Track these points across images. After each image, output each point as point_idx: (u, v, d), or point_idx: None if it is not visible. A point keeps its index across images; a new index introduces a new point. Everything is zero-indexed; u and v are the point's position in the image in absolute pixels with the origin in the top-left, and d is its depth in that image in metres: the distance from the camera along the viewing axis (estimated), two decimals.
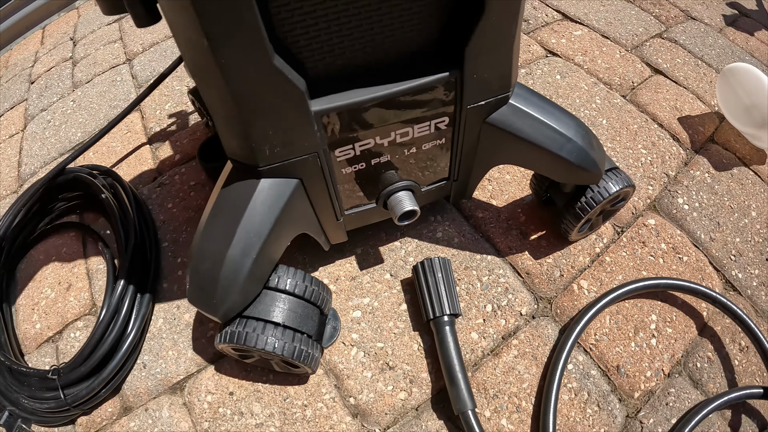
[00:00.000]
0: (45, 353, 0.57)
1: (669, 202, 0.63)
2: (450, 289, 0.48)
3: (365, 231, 0.58)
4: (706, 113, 0.75)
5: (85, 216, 0.70)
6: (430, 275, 0.48)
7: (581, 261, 0.56)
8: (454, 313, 0.47)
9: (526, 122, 0.43)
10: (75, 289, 0.62)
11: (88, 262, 0.64)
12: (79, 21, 1.13)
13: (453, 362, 0.45)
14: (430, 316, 0.47)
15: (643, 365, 0.50)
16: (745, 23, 0.97)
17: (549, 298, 0.53)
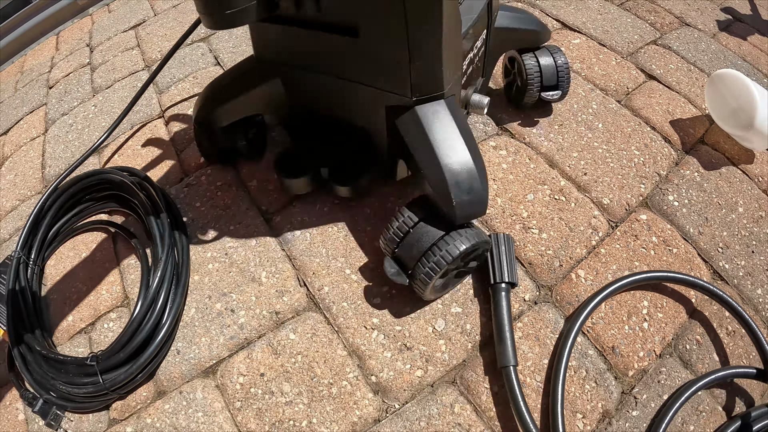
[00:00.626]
0: (78, 344, 0.62)
1: (660, 199, 0.70)
2: (510, 261, 0.56)
3: (382, 225, 0.65)
4: (696, 116, 0.82)
5: (114, 215, 0.76)
6: (495, 246, 0.57)
7: (578, 252, 0.63)
8: (511, 281, 0.55)
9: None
10: (107, 283, 0.68)
11: (120, 258, 0.70)
12: (93, 28, 1.20)
13: (504, 322, 0.53)
14: (491, 281, 0.56)
15: (636, 346, 0.57)
16: (738, 28, 1.04)
17: (549, 285, 0.60)
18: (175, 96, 0.90)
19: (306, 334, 0.57)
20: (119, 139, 0.88)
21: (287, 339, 0.58)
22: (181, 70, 0.95)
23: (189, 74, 0.94)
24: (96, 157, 0.87)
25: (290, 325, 0.58)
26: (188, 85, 0.92)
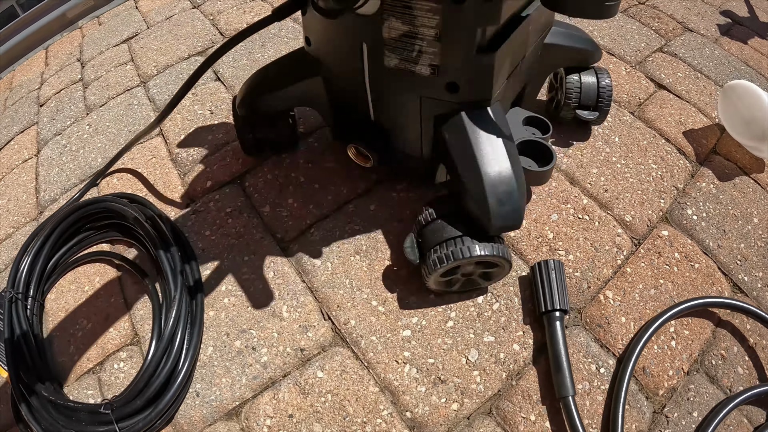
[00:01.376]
0: (87, 385, 0.58)
1: (679, 214, 0.69)
2: (562, 287, 0.56)
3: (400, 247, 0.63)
4: (707, 126, 0.82)
5: (116, 245, 0.72)
6: (545, 273, 0.56)
7: (605, 273, 0.62)
8: (564, 309, 0.55)
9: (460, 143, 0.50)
10: (114, 319, 0.64)
11: (126, 292, 0.66)
12: (83, 41, 1.14)
13: (560, 351, 0.52)
14: (542, 309, 0.55)
15: (666, 365, 0.56)
16: (738, 31, 1.05)
17: (579, 308, 0.59)
18: (175, 114, 0.86)
19: (335, 371, 0.55)
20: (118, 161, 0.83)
21: (315, 377, 0.55)
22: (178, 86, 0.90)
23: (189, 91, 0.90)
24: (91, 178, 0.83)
25: (317, 362, 0.56)
26: (188, 102, 0.88)
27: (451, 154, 0.50)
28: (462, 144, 0.49)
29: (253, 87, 0.64)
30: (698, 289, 0.63)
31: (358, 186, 0.70)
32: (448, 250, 0.49)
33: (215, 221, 0.69)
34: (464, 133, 0.49)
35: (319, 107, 0.65)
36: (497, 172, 0.48)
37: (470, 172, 0.48)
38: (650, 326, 0.58)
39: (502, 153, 0.49)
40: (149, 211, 0.71)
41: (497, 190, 0.48)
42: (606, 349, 0.57)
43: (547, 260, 0.57)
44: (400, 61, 0.48)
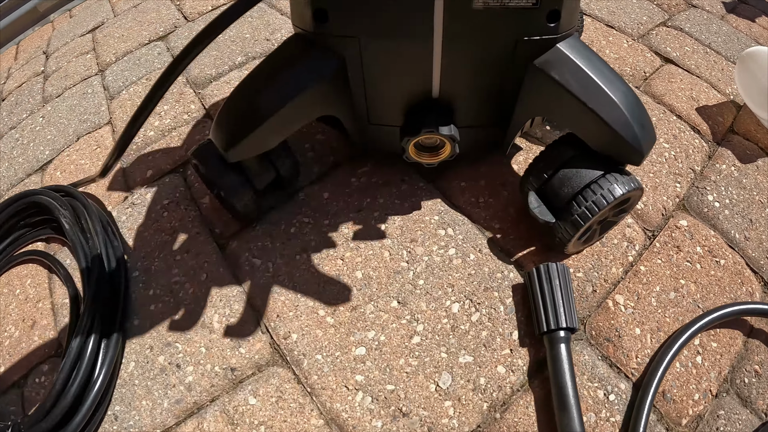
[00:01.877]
0: (10, 401, 0.47)
1: (699, 200, 0.53)
2: (568, 300, 0.41)
3: (365, 251, 0.47)
4: (722, 102, 0.66)
5: (51, 243, 0.59)
6: (546, 282, 0.41)
7: (614, 273, 0.46)
8: (571, 327, 0.39)
9: (573, 73, 0.39)
10: (39, 327, 0.51)
11: (54, 296, 0.53)
12: (53, 34, 1.01)
13: (566, 384, 0.37)
14: (543, 329, 0.40)
15: (690, 387, 0.41)
16: (745, 10, 0.89)
17: (582, 317, 0.43)
18: (126, 101, 0.72)
19: (270, 398, 0.40)
20: (64, 152, 0.69)
21: (246, 404, 0.40)
22: (135, 72, 0.77)
23: (143, 76, 0.76)
24: (39, 175, 0.69)
25: (250, 386, 0.41)
26: (141, 88, 0.74)
27: (569, 90, 0.39)
28: (577, 76, 0.39)
29: (245, 115, 0.41)
30: (726, 291, 0.47)
31: (310, 172, 0.55)
32: (595, 196, 0.40)
33: (150, 215, 0.55)
34: (574, 64, 0.39)
35: (342, 111, 0.45)
36: (624, 94, 0.39)
37: (601, 102, 0.39)
38: (674, 342, 0.42)
39: (615, 74, 0.40)
40: (78, 204, 0.57)
41: (636, 113, 0.40)
42: (617, 369, 0.41)
43: (548, 264, 0.41)
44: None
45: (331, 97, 0.42)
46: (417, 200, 0.51)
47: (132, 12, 0.94)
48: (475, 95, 0.44)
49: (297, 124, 0.43)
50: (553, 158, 0.43)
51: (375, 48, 0.39)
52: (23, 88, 0.90)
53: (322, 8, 0.37)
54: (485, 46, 0.39)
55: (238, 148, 0.41)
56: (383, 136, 0.48)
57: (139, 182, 0.59)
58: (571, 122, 0.41)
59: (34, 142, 0.75)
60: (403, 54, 0.39)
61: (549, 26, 0.38)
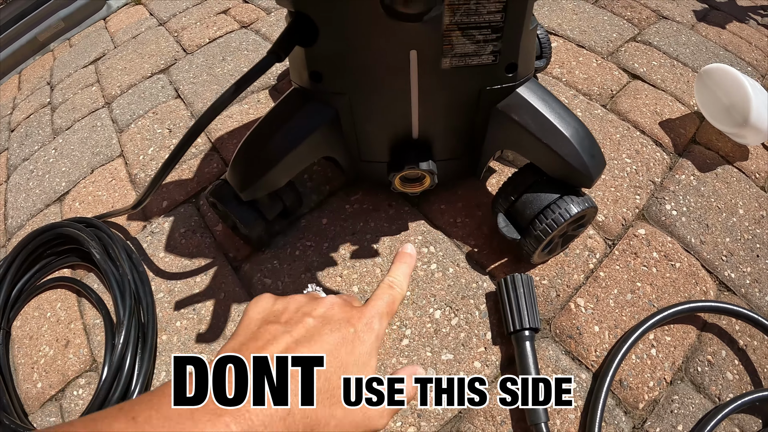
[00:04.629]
0: (49, 413, 0.56)
1: (657, 210, 0.64)
2: (532, 304, 0.51)
3: (360, 269, 0.58)
4: (686, 114, 0.76)
5: (77, 270, 0.69)
6: (512, 290, 0.51)
7: (576, 279, 0.56)
8: (534, 327, 0.50)
9: (530, 114, 0.48)
10: (73, 346, 0.61)
11: (85, 318, 0.63)
12: (54, 64, 1.12)
13: (531, 374, 0.47)
14: (511, 329, 0.50)
15: (645, 376, 0.51)
16: (715, 16, 0.99)
17: (547, 318, 0.54)
18: (135, 134, 0.83)
19: None
20: (80, 184, 0.80)
21: None
22: (141, 105, 0.88)
23: (149, 109, 0.86)
24: (57, 206, 0.80)
25: None
26: (148, 121, 0.84)
27: (527, 129, 0.49)
28: (533, 116, 0.49)
29: (258, 160, 0.50)
30: (680, 291, 0.57)
31: (309, 200, 0.66)
32: (553, 215, 0.49)
33: (169, 242, 0.65)
34: (531, 106, 0.49)
35: (338, 152, 0.55)
36: (575, 129, 0.49)
37: (555, 138, 0.48)
38: (629, 337, 0.52)
39: (567, 111, 0.50)
40: (103, 235, 0.67)
41: (586, 146, 0.49)
42: (578, 361, 0.52)
43: (514, 275, 0.52)
44: (459, 58, 0.45)
45: (329, 140, 0.52)
46: (403, 223, 0.62)
47: (132, 43, 1.04)
48: (449, 134, 0.54)
49: (302, 165, 0.53)
50: (518, 184, 0.53)
51: (362, 101, 0.49)
52: (32, 119, 1.00)
53: (317, 71, 0.47)
54: (454, 96, 0.49)
55: (252, 189, 0.51)
56: (373, 171, 0.58)
57: (155, 212, 0.70)
58: (531, 155, 0.52)
59: (49, 173, 0.85)
60: (386, 105, 0.49)
61: (508, 76, 0.48)
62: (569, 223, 0.51)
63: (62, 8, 1.13)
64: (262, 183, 0.51)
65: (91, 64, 1.04)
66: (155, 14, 1.12)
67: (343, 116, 0.50)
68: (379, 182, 0.59)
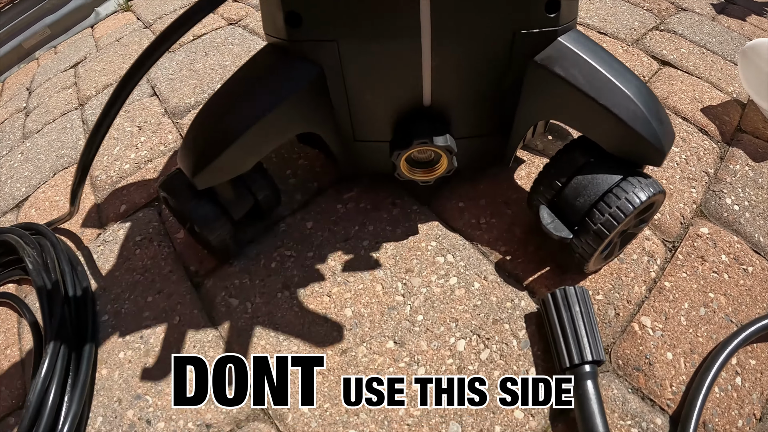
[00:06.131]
0: None
1: (717, 205, 0.48)
2: (591, 328, 0.35)
3: (354, 285, 0.42)
4: (726, 101, 0.62)
5: (24, 285, 0.53)
6: (564, 309, 0.35)
7: (637, 292, 0.40)
8: (597, 359, 0.34)
9: (580, 68, 0.34)
10: (7, 376, 0.45)
11: (22, 342, 0.48)
12: (37, 71, 0.99)
13: (597, 426, 0.31)
14: (566, 364, 0.34)
15: (733, 414, 0.35)
16: (734, 10, 0.87)
17: (606, 345, 0.37)
18: None
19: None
20: (40, 189, 0.65)
21: None
22: None
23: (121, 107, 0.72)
24: (15, 213, 0.64)
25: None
26: (118, 120, 0.70)
27: (577, 86, 0.34)
28: (585, 71, 0.34)
29: (213, 135, 0.35)
30: (758, 300, 0.42)
31: (292, 200, 0.50)
32: (618, 201, 0.34)
33: (122, 252, 0.49)
34: (580, 58, 0.34)
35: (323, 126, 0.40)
36: (638, 87, 0.34)
37: (614, 97, 0.34)
38: (711, 366, 0.36)
39: (625, 67, 0.36)
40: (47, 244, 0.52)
41: (652, 108, 0.35)
42: (650, 402, 0.35)
43: (565, 288, 0.36)
44: None
45: (310, 111, 0.37)
46: (411, 225, 0.46)
47: (114, 46, 0.91)
48: (472, 100, 0.39)
49: (272, 142, 0.38)
50: (565, 165, 0.38)
51: (355, 52, 0.34)
52: (5, 125, 0.86)
53: (295, 11, 0.32)
54: (479, 42, 0.34)
55: (207, 172, 0.35)
56: (371, 154, 0.43)
57: (112, 218, 0.54)
58: (582, 123, 0.37)
59: (11, 179, 0.71)
60: (388, 56, 0.34)
61: (548, 17, 0.33)
62: (636, 213, 0.36)
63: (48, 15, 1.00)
64: (220, 164, 0.35)
65: (72, 68, 0.91)
66: (142, 18, 0.99)
67: (330, 75, 0.36)
68: (381, 171, 0.43)
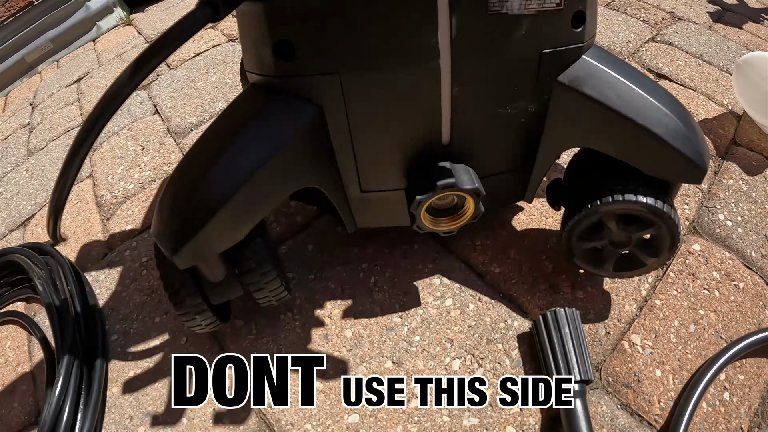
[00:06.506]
0: None
1: (710, 221, 0.50)
2: (580, 348, 0.36)
3: (354, 307, 0.43)
4: (721, 114, 0.63)
5: (32, 303, 0.55)
6: (554, 330, 0.37)
7: (628, 311, 0.42)
8: (585, 378, 0.35)
9: (612, 86, 0.32)
10: (19, 393, 0.47)
11: (33, 360, 0.49)
12: (40, 85, 1.01)
13: None
14: None
15: (720, 428, 0.37)
16: (731, 18, 0.88)
17: (597, 363, 0.39)
18: (107, 152, 0.70)
19: None
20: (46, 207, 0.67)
21: None
22: (116, 122, 0.75)
23: (124, 126, 0.74)
24: (21, 231, 0.66)
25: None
26: (122, 139, 0.71)
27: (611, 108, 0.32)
28: (617, 89, 0.32)
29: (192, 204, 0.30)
30: (747, 316, 0.44)
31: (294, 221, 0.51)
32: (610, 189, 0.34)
33: (129, 273, 0.51)
34: (609, 75, 0.32)
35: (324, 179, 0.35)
36: (671, 102, 0.33)
37: (652, 116, 0.32)
38: (698, 382, 0.38)
39: (653, 81, 0.35)
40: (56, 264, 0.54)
41: (689, 123, 0.33)
42: (638, 417, 0.37)
43: (556, 310, 0.37)
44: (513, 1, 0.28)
45: (310, 161, 0.32)
46: (408, 247, 0.47)
47: (116, 61, 0.93)
48: (496, 134, 0.35)
49: (266, 205, 0.32)
50: None
51: (361, 84, 0.30)
52: (9, 140, 0.88)
53: (286, 40, 0.27)
54: (504, 64, 0.31)
55: (188, 250, 0.29)
56: (383, 206, 0.38)
57: (118, 238, 0.56)
58: (618, 147, 0.34)
59: (17, 196, 0.73)
60: (400, 87, 0.30)
61: (574, 32, 0.31)
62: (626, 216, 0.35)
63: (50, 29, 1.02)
64: (203, 239, 0.29)
65: (75, 83, 0.93)
66: (143, 33, 1.01)
67: (330, 116, 0.31)
68: (394, 226, 0.40)
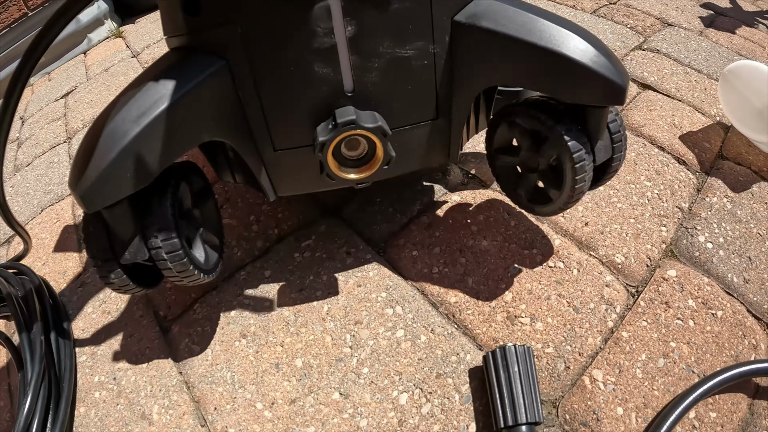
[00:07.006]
0: None
1: (689, 243, 0.48)
2: (530, 387, 0.36)
3: (306, 336, 0.43)
4: (708, 125, 0.61)
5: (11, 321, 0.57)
6: (503, 368, 0.36)
7: (591, 343, 0.41)
8: (533, 421, 0.34)
9: (508, 17, 0.32)
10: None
11: (11, 377, 0.50)
12: (31, 99, 1.02)
13: None
14: (501, 424, 0.35)
15: None
16: (723, 22, 0.85)
17: (553, 400, 0.38)
18: None
19: None
20: (27, 225, 0.68)
21: None
22: None
23: None
24: (5, 249, 0.68)
25: None
26: None
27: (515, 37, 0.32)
28: (517, 20, 0.32)
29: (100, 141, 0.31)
30: (724, 348, 0.42)
31: (254, 246, 0.52)
32: None
33: (99, 295, 0.52)
34: (507, 9, 0.33)
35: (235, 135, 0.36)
36: (577, 27, 0.33)
37: (559, 40, 0.32)
38: (663, 422, 0.37)
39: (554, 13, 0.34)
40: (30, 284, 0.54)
41: (599, 45, 0.33)
42: None
43: (505, 346, 0.37)
44: None
45: (216, 113, 0.33)
46: (363, 275, 0.47)
47: (102, 76, 0.94)
48: (401, 79, 0.34)
49: (171, 149, 0.32)
50: None
51: (261, 33, 0.31)
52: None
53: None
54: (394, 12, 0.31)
55: (93, 188, 0.30)
56: (299, 167, 0.38)
57: None
58: (530, 77, 0.34)
59: None
60: (297, 33, 0.31)
61: None
62: None
63: None
64: (108, 178, 0.30)
65: (63, 97, 0.94)
66: (131, 46, 1.02)
67: (236, 68, 0.32)
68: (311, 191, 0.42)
